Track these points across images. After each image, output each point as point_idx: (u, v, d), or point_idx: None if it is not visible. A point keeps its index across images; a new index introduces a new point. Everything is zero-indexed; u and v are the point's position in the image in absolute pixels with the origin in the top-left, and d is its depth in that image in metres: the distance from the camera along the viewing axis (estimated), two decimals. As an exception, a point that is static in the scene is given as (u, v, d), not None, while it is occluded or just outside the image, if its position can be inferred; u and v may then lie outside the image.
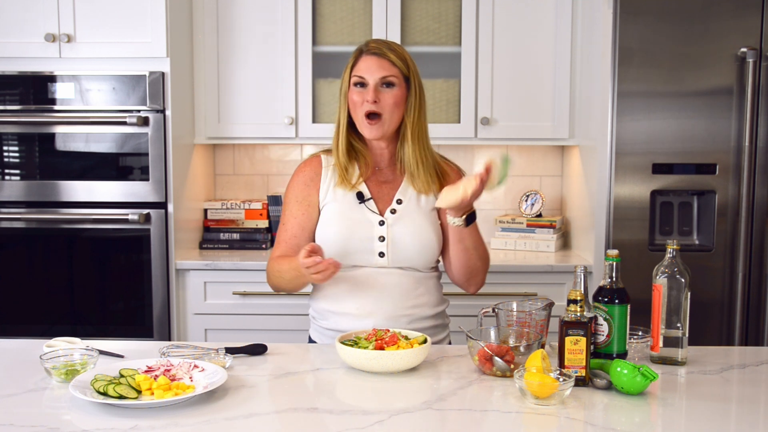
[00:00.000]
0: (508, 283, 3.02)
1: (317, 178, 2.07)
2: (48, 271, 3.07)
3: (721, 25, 2.77)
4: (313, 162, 2.10)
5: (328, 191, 2.05)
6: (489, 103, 3.26)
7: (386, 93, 1.97)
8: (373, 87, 1.96)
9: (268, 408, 1.50)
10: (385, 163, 2.08)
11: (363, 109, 1.97)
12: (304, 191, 2.06)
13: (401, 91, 1.99)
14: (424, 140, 2.04)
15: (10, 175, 3.04)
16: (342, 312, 2.01)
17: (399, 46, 2.05)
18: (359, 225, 1.99)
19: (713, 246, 2.84)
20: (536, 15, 3.23)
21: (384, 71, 1.97)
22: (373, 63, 1.98)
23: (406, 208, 2.03)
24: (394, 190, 2.06)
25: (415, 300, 2.01)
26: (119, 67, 2.99)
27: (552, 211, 3.60)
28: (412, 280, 2.01)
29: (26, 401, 1.53)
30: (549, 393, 1.50)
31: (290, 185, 2.10)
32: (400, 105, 1.99)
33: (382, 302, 1.98)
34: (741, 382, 1.70)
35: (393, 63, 1.98)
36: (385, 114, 1.97)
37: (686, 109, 2.80)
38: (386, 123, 1.98)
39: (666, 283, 1.75)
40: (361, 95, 1.97)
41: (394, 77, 1.98)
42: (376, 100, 1.96)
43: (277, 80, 3.25)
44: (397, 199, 2.04)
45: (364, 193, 2.03)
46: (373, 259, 1.99)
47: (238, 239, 3.38)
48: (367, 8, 3.23)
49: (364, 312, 1.98)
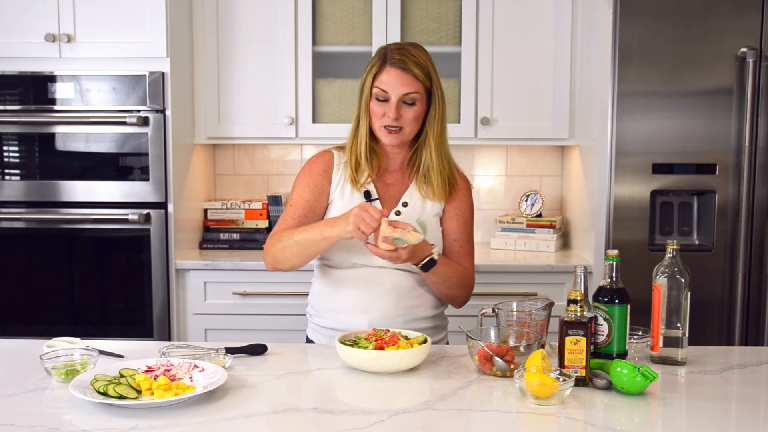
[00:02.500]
0: (508, 283, 3.02)
1: (329, 170, 2.07)
2: (48, 271, 3.07)
3: (721, 25, 2.77)
4: (326, 156, 2.11)
5: (338, 186, 2.06)
6: (489, 103, 3.26)
7: (408, 110, 1.97)
8: (395, 103, 1.96)
9: (268, 408, 1.50)
10: (396, 165, 2.09)
11: (383, 121, 1.98)
12: (317, 179, 2.07)
13: (422, 106, 2.00)
14: (445, 149, 2.06)
15: (10, 175, 3.04)
16: (338, 309, 2.01)
17: (422, 55, 2.01)
18: None
19: (713, 246, 2.84)
20: (536, 15, 3.23)
21: (407, 87, 1.96)
22: (397, 78, 1.96)
23: (411, 211, 2.04)
24: (401, 192, 2.07)
25: (412, 300, 2.02)
26: (119, 67, 2.99)
27: (552, 211, 3.60)
28: (411, 281, 2.02)
29: (26, 401, 1.53)
30: (549, 393, 1.50)
31: (302, 172, 2.10)
32: (420, 118, 2.00)
33: (379, 300, 1.99)
34: (741, 382, 1.70)
35: (417, 78, 1.97)
36: (406, 128, 1.99)
37: (686, 109, 2.80)
38: (405, 134, 2.00)
39: (666, 283, 1.75)
40: (383, 108, 1.98)
41: (417, 93, 1.97)
42: (398, 117, 1.96)
43: (277, 80, 3.25)
44: (403, 202, 2.05)
45: (372, 192, 2.04)
46: (374, 259, 1.99)
47: (238, 239, 3.38)
48: (367, 8, 3.23)
49: (360, 309, 1.99)
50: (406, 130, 1.99)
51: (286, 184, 3.62)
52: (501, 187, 3.63)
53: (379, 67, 1.99)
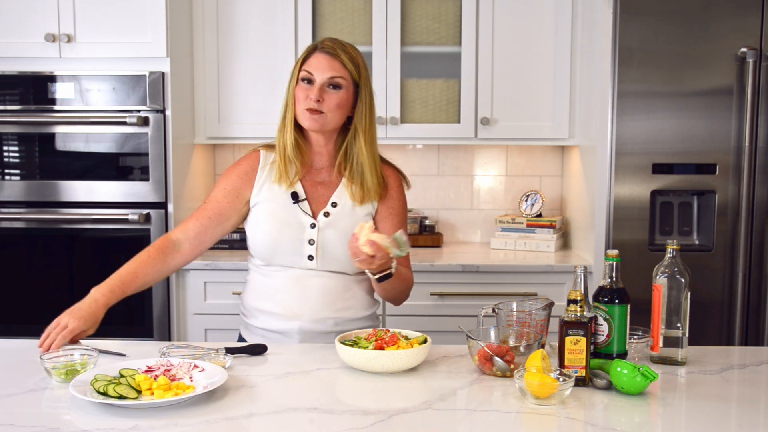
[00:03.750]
0: (508, 283, 3.02)
1: (252, 173, 2.05)
2: (48, 271, 3.07)
3: (721, 25, 2.77)
4: (251, 157, 2.08)
5: (262, 189, 2.03)
6: (489, 103, 3.26)
7: (332, 94, 1.95)
8: (319, 86, 1.94)
9: (268, 408, 1.50)
10: (323, 163, 2.06)
11: (306, 104, 1.95)
12: (237, 183, 2.04)
13: (347, 95, 1.97)
14: (374, 146, 2.03)
15: (10, 175, 3.04)
16: (269, 311, 2.00)
17: (355, 50, 2.01)
18: (290, 226, 1.98)
19: (713, 246, 2.84)
20: (536, 15, 3.23)
21: (333, 71, 1.95)
22: (324, 62, 1.96)
23: (340, 212, 2.01)
24: (330, 191, 2.04)
25: (342, 303, 2.00)
26: (119, 67, 2.99)
27: (552, 211, 3.60)
28: (340, 283, 2.00)
29: (26, 401, 1.53)
30: (549, 393, 1.50)
31: (224, 174, 2.08)
32: (343, 107, 1.97)
33: (309, 304, 1.97)
34: (741, 382, 1.70)
35: (344, 65, 1.96)
36: (328, 113, 1.96)
37: (686, 109, 2.80)
38: (327, 120, 1.96)
39: (666, 283, 1.75)
40: (306, 92, 1.96)
41: (343, 79, 1.96)
42: (320, 99, 1.94)
43: (277, 80, 3.25)
44: (332, 202, 2.02)
45: (299, 193, 2.01)
46: (302, 261, 1.98)
47: (238, 239, 3.38)
48: (367, 8, 3.23)
49: (290, 313, 1.97)
50: (327, 116, 1.95)
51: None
52: (501, 187, 3.63)
53: (308, 53, 2.00)
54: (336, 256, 1.98)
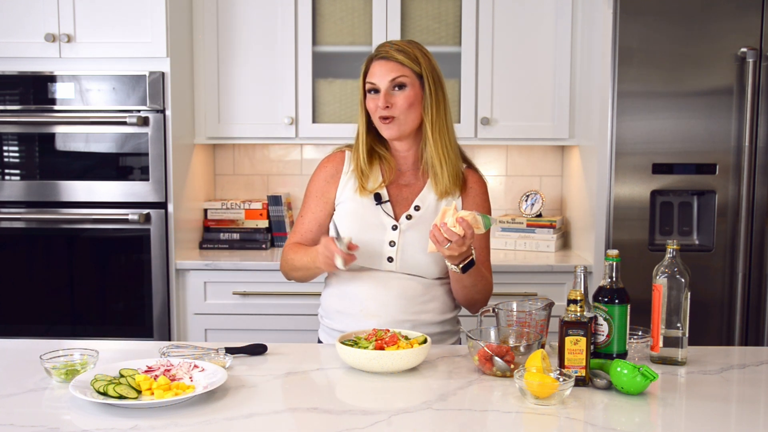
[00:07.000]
0: (508, 283, 3.02)
1: (338, 175, 2.06)
2: (48, 271, 3.07)
3: (721, 25, 2.77)
4: (337, 158, 2.10)
5: (346, 188, 2.04)
6: (489, 103, 3.26)
7: (398, 95, 1.96)
8: (384, 92, 1.95)
9: (268, 408, 1.50)
10: (408, 166, 2.07)
11: (377, 114, 1.97)
12: (324, 187, 2.07)
13: (414, 91, 1.97)
14: (446, 137, 2.00)
15: (10, 175, 3.04)
16: (347, 312, 2.00)
17: (409, 45, 2.00)
18: (371, 227, 1.99)
19: (713, 246, 2.84)
20: (536, 15, 3.23)
21: (392, 73, 1.95)
22: (382, 67, 1.97)
23: (423, 216, 2.01)
24: (414, 194, 2.04)
25: (421, 306, 1.99)
26: (119, 67, 2.99)
27: (552, 211, 3.60)
28: (419, 286, 1.99)
29: (26, 401, 1.53)
30: (549, 393, 1.50)
31: (312, 179, 2.10)
32: (414, 105, 1.97)
33: (387, 306, 1.97)
34: (741, 382, 1.70)
35: (402, 63, 1.96)
36: (399, 116, 1.96)
37: (686, 109, 2.80)
38: (401, 123, 1.97)
39: (666, 283, 1.75)
40: (374, 101, 1.97)
41: (405, 77, 1.96)
42: (388, 105, 1.95)
43: (277, 80, 3.25)
44: (416, 206, 2.02)
45: (382, 195, 2.02)
46: (382, 263, 1.98)
47: (238, 239, 3.38)
48: (367, 8, 3.23)
49: (368, 314, 1.97)
50: (400, 119, 1.96)
51: (286, 184, 3.62)
52: (501, 187, 3.63)
53: (367, 64, 2.01)
54: (416, 259, 1.97)
